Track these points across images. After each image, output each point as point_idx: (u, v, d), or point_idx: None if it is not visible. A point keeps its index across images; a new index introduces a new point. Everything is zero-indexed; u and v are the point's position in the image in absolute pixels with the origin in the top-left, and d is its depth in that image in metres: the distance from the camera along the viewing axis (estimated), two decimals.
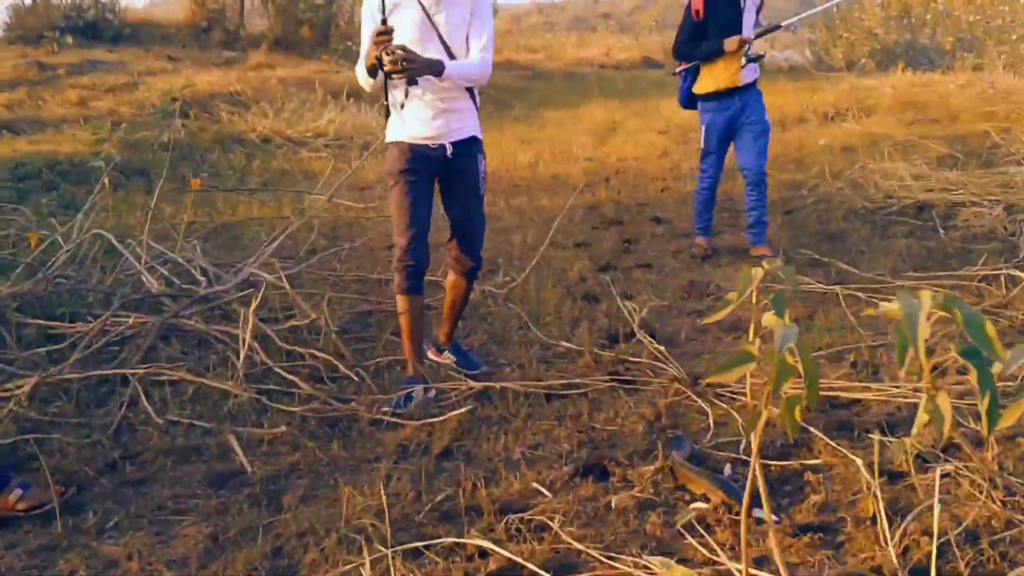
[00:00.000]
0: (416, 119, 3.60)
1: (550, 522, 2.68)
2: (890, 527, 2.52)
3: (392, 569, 2.45)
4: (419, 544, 2.59)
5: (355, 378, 3.86)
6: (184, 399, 3.69)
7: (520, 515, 2.74)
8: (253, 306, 3.92)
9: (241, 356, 3.79)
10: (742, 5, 5.39)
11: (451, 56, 3.57)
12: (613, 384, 3.77)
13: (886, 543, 2.50)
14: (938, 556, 2.41)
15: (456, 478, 3.04)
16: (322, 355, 3.98)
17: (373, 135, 12.16)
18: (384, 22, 3.45)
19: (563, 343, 4.28)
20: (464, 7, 3.58)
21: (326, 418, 3.54)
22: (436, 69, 3.44)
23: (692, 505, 2.55)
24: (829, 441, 3.16)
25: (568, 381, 3.80)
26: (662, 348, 4.08)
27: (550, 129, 13.05)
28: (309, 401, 3.66)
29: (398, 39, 3.45)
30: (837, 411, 3.46)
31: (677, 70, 5.78)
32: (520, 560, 2.49)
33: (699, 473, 2.92)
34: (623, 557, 2.50)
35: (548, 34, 45.79)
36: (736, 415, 3.40)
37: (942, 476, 2.87)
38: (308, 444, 3.31)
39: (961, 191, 7.01)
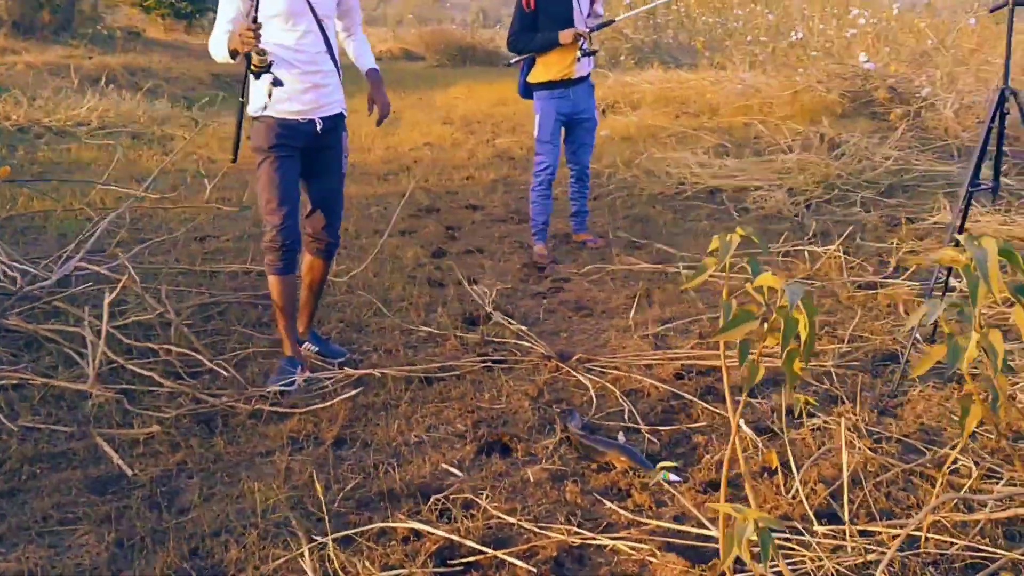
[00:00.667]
0: (285, 93, 3.46)
1: (477, 499, 2.69)
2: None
3: (331, 558, 2.38)
4: (350, 532, 2.53)
5: (222, 372, 3.65)
6: (33, 403, 3.36)
7: (443, 495, 2.73)
8: (109, 299, 3.61)
9: (97, 354, 3.47)
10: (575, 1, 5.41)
11: (320, 27, 3.52)
12: (488, 365, 3.81)
13: (786, 492, 2.73)
14: (833, 500, 2.67)
15: (361, 465, 2.98)
16: (177, 349, 3.74)
17: (139, 123, 11.48)
18: (256, 1, 3.31)
19: (423, 328, 4.27)
20: None
21: (199, 415, 3.34)
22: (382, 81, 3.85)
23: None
24: (706, 405, 3.38)
25: (442, 364, 3.80)
26: (524, 328, 4.18)
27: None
28: (174, 398, 3.44)
29: (269, 11, 3.36)
30: (702, 377, 3.68)
31: (512, 61, 5.70)
32: (457, 538, 2.49)
33: (601, 442, 3.04)
34: (554, 526, 2.56)
35: None
36: (613, 387, 3.54)
37: (812, 430, 3.18)
38: (189, 443, 3.12)
39: (742, 177, 7.64)
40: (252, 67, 3.28)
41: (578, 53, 5.36)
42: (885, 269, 5.06)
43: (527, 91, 5.69)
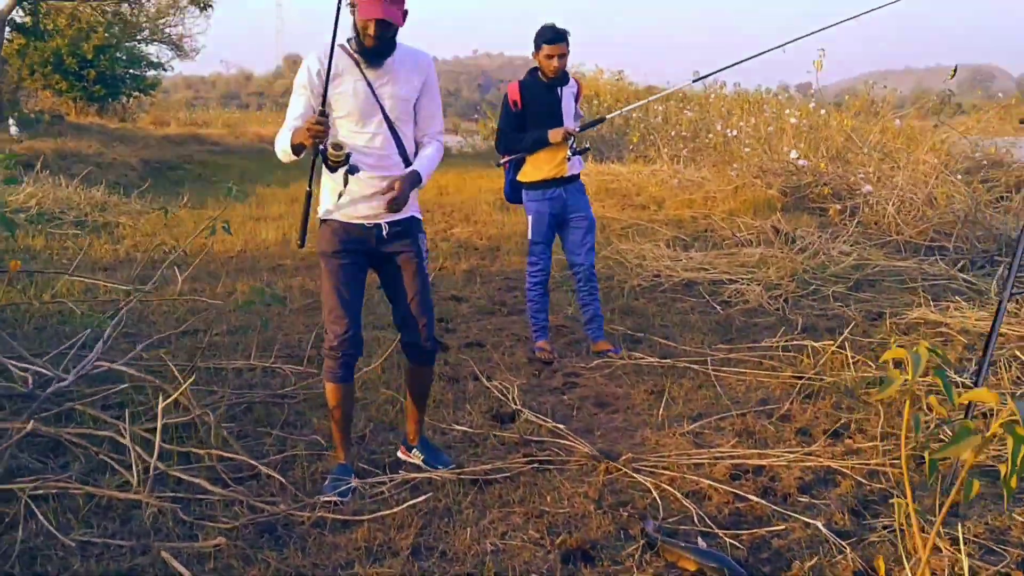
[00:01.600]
0: (350, 196, 3.42)
1: None
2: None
3: None
4: None
5: (269, 477, 3.50)
6: (80, 514, 3.14)
7: None
8: (163, 404, 3.43)
9: (153, 459, 3.29)
10: (559, 93, 5.45)
11: (392, 130, 3.46)
12: (535, 466, 3.75)
13: None
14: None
15: (457, 573, 2.87)
16: (226, 454, 3.58)
17: (79, 209, 11.18)
18: (324, 97, 3.28)
19: (457, 426, 4.20)
20: (414, 78, 3.49)
21: (258, 524, 3.18)
22: (415, 182, 3.41)
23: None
24: (775, 507, 3.38)
25: (492, 466, 3.72)
26: (561, 426, 4.14)
27: (277, 207, 12.69)
28: (228, 507, 3.28)
29: (339, 111, 3.34)
30: (758, 477, 3.69)
31: (501, 161, 5.58)
32: None
33: (688, 549, 3.00)
34: None
35: (201, 109, 45.17)
36: (675, 491, 3.52)
37: (885, 528, 3.20)
38: (259, 556, 2.96)
39: (713, 270, 7.82)
40: (329, 162, 3.23)
41: (568, 152, 5.38)
42: (885, 366, 5.20)
43: (514, 194, 5.63)
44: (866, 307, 6.71)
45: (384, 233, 3.49)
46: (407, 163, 3.51)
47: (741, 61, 5.76)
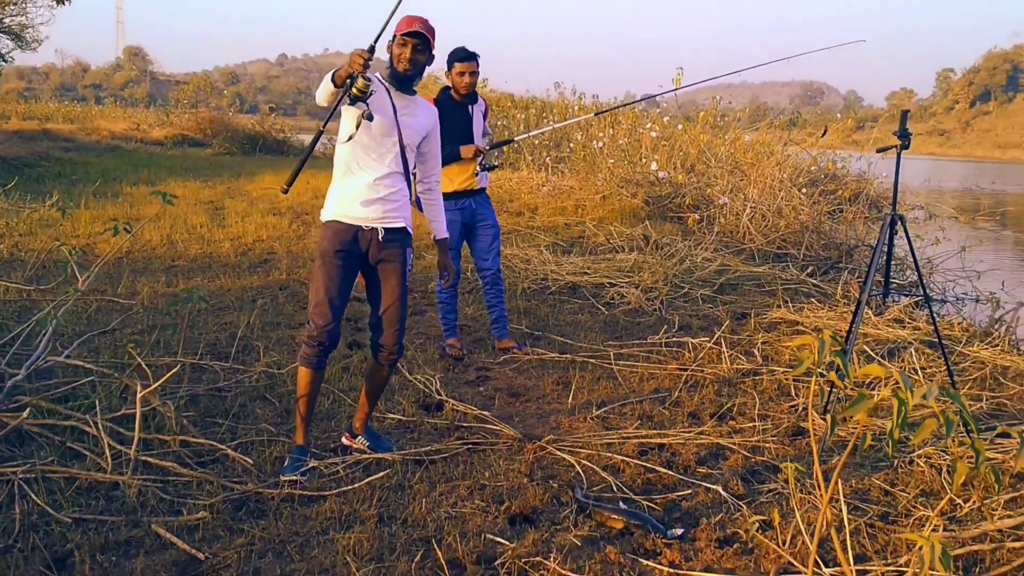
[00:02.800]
0: (354, 203, 3.78)
1: (544, 561, 3.11)
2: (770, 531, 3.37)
3: None
4: None
5: (245, 459, 3.83)
6: (68, 495, 3.39)
7: (502, 561, 3.12)
8: (142, 393, 3.69)
9: (135, 444, 3.56)
10: (470, 111, 5.89)
11: (402, 150, 3.85)
12: (470, 447, 4.21)
13: (783, 544, 3.34)
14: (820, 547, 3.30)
15: (415, 539, 3.30)
16: (193, 439, 3.88)
17: None
18: (374, 45, 3.52)
19: (390, 415, 4.60)
20: (426, 120, 3.95)
21: (232, 501, 3.52)
22: (445, 245, 4.23)
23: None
24: (680, 476, 3.96)
25: (431, 448, 4.15)
26: (486, 413, 4.62)
27: (150, 207, 12.57)
28: (200, 486, 3.59)
29: (367, 125, 3.69)
30: (662, 453, 4.27)
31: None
32: None
33: (617, 510, 3.53)
34: None
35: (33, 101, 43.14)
36: (594, 466, 4.05)
37: (770, 493, 3.83)
38: (242, 527, 3.31)
39: (593, 274, 8.46)
40: (354, 90, 3.45)
41: (477, 168, 5.82)
42: (753, 358, 5.92)
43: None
44: (732, 308, 7.48)
45: (380, 237, 3.83)
46: (407, 181, 3.93)
47: (686, 86, 6.36)
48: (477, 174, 5.87)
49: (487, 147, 5.95)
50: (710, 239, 10.60)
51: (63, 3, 21.85)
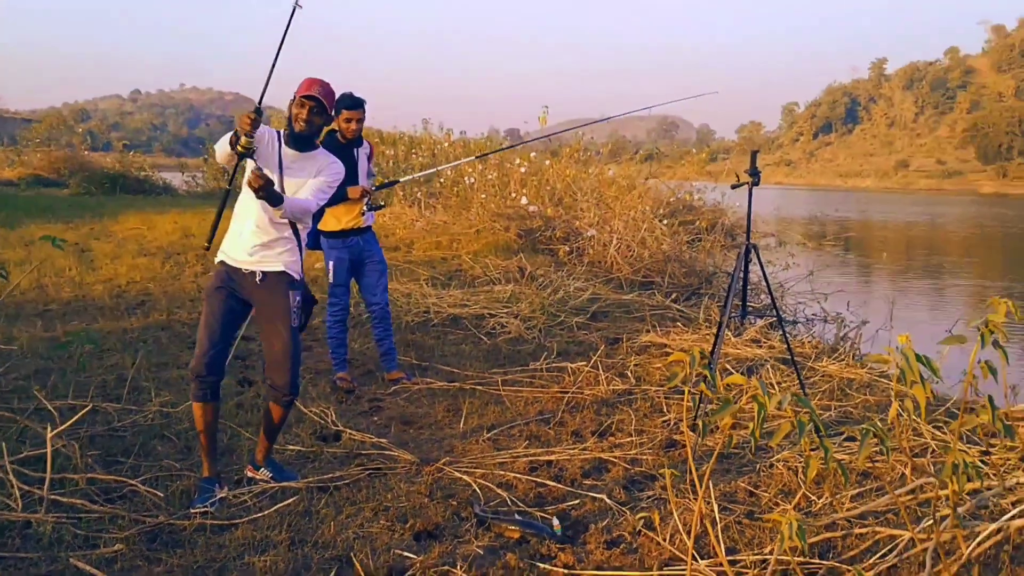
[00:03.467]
0: (238, 246, 4.02)
1: (452, 570, 3.38)
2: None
3: None
4: None
5: (156, 492, 3.95)
6: None
7: (412, 572, 3.38)
8: (52, 434, 3.76)
9: (47, 483, 3.64)
10: (355, 154, 6.11)
11: (274, 199, 3.92)
12: (370, 472, 4.44)
13: (664, 541, 3.71)
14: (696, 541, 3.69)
15: (328, 558, 3.52)
16: (100, 476, 3.97)
17: None
18: (260, 100, 3.80)
19: (290, 447, 4.78)
20: (311, 173, 4.13)
21: (145, 532, 3.65)
22: (275, 199, 3.86)
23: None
24: (568, 488, 4.30)
25: (333, 475, 4.37)
26: (383, 440, 4.85)
27: (7, 252, 12.18)
28: (114, 520, 3.71)
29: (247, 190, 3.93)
30: (549, 468, 4.60)
31: None
32: None
33: (512, 521, 3.84)
34: None
35: None
36: (489, 483, 4.35)
37: (651, 498, 4.21)
38: (159, 556, 3.45)
39: (473, 305, 8.79)
40: (239, 147, 3.71)
41: (363, 208, 6.07)
42: (627, 379, 6.35)
43: (314, 242, 6.12)
44: (604, 333, 7.94)
45: (257, 280, 4.05)
46: (293, 229, 4.14)
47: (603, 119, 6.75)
48: (364, 213, 6.10)
49: (372, 188, 6.20)
50: (580, 270, 11.13)
51: None
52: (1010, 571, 3.39)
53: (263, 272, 4.06)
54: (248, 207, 4.05)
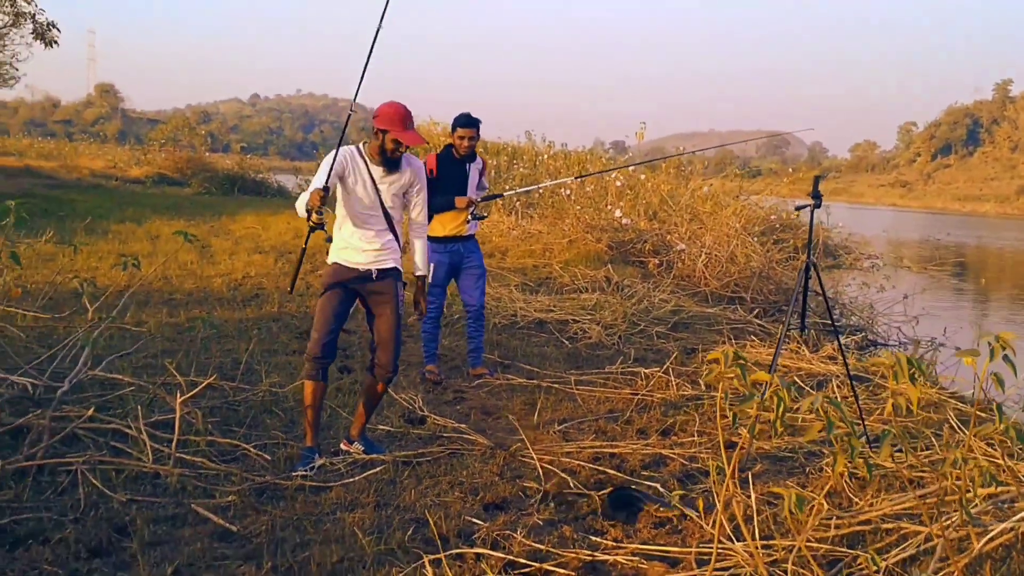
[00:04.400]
0: (350, 248, 4.65)
1: (513, 534, 3.87)
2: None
3: (448, 568, 3.47)
4: (439, 556, 3.61)
5: (264, 456, 4.58)
6: (118, 483, 4.12)
7: (480, 535, 3.87)
8: (181, 399, 4.43)
9: (173, 442, 4.30)
10: (467, 168, 6.59)
11: (385, 213, 4.70)
12: (451, 452, 4.97)
13: (706, 526, 4.11)
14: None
15: (407, 519, 4.04)
16: (219, 439, 4.61)
17: None
18: (328, 178, 4.43)
19: (381, 427, 5.34)
20: (407, 179, 4.73)
21: (254, 488, 4.25)
22: (422, 283, 4.94)
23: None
24: (626, 476, 4.73)
25: (418, 452, 4.91)
26: (463, 426, 5.38)
27: (138, 244, 13.24)
28: (226, 477, 4.32)
29: (348, 194, 4.60)
30: (612, 459, 5.05)
31: None
32: (512, 557, 3.65)
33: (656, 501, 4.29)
34: (567, 552, 3.78)
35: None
36: (555, 468, 4.81)
37: (703, 492, 4.61)
38: (266, 508, 4.04)
39: (558, 311, 9.27)
40: (311, 222, 4.37)
41: (468, 216, 6.56)
42: (697, 386, 6.73)
43: None
44: (682, 344, 8.31)
45: (373, 275, 4.68)
46: (394, 233, 4.76)
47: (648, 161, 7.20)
48: (468, 222, 6.59)
49: (478, 199, 6.64)
50: (667, 282, 11.48)
51: (50, 45, 22.51)
52: (1020, 566, 3.68)
53: (378, 270, 4.68)
54: (354, 222, 4.66)
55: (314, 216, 4.36)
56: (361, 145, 4.72)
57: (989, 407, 6.51)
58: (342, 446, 4.95)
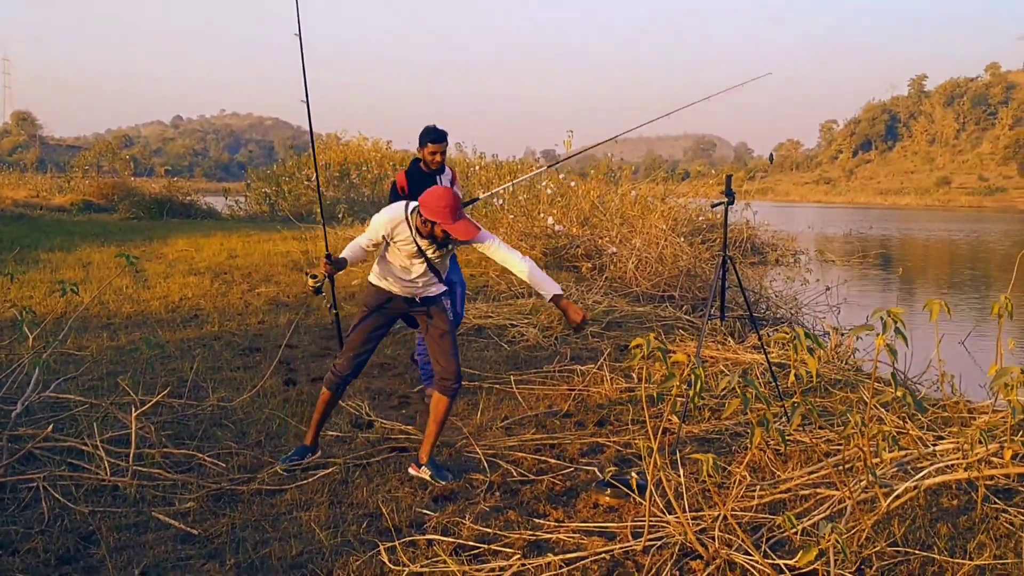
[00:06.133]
0: (390, 281, 4.80)
1: (461, 521, 4.13)
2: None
3: (402, 554, 3.71)
4: (393, 543, 3.85)
5: (220, 464, 4.76)
6: (79, 496, 4.28)
7: (431, 523, 4.13)
8: (136, 414, 4.59)
9: (131, 455, 4.46)
10: (438, 182, 6.36)
11: (432, 267, 4.73)
12: (398, 451, 5.21)
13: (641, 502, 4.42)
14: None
15: (361, 514, 4.28)
16: (173, 451, 4.78)
17: None
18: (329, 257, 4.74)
19: (330, 432, 5.55)
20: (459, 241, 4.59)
21: (211, 494, 4.44)
22: (559, 300, 4.66)
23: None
24: (568, 463, 5.03)
25: (367, 452, 5.14)
26: (409, 427, 5.62)
27: (69, 272, 13.14)
28: (184, 486, 4.51)
29: (397, 251, 4.69)
30: (552, 449, 5.33)
31: None
32: (461, 541, 3.91)
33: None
34: (513, 533, 4.06)
35: None
36: (499, 460, 5.08)
37: (637, 472, 4.92)
38: (224, 511, 4.25)
39: (496, 316, 9.55)
40: (313, 282, 4.76)
41: None
42: (631, 380, 7.06)
43: None
44: (615, 341, 8.65)
45: (417, 300, 4.84)
46: (439, 278, 4.84)
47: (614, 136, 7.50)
48: None
49: None
50: (600, 284, 11.85)
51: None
52: (924, 521, 4.06)
53: (420, 299, 4.85)
54: (396, 269, 4.74)
55: (310, 281, 4.68)
56: (409, 213, 4.63)
57: (906, 384, 6.99)
58: (410, 470, 4.85)
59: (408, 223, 4.62)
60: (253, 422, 5.74)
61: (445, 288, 4.93)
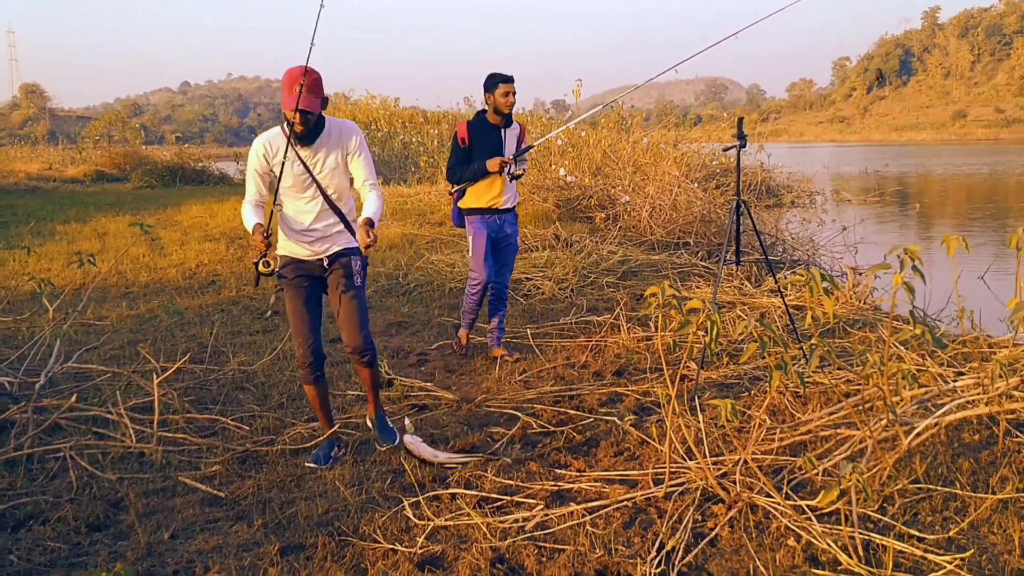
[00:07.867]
0: (297, 243, 4.31)
1: (484, 474, 4.17)
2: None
3: (426, 508, 3.76)
4: (418, 498, 3.90)
5: (244, 427, 4.83)
6: (106, 463, 4.34)
7: (454, 479, 4.17)
8: (158, 380, 4.63)
9: (155, 421, 4.51)
10: (503, 134, 6.09)
11: (325, 195, 4.24)
12: (420, 408, 5.24)
13: (660, 448, 4.44)
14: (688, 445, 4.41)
15: (384, 471, 4.32)
16: (196, 416, 4.84)
17: None
18: (271, 172, 4.18)
19: (351, 391, 5.60)
20: (338, 147, 4.23)
21: (236, 457, 4.49)
22: (372, 225, 4.08)
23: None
24: (586, 414, 5.05)
25: (388, 412, 5.17)
26: (428, 384, 5.65)
27: (85, 243, 13.21)
28: (209, 450, 4.56)
29: (283, 183, 4.17)
30: (572, 400, 5.36)
31: (452, 191, 6.26)
32: (485, 494, 3.95)
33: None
34: (535, 484, 4.09)
35: None
36: (519, 413, 5.11)
37: (657, 420, 4.94)
38: (250, 473, 4.30)
39: None
40: (257, 268, 4.10)
41: (506, 178, 6.11)
42: (647, 328, 7.06)
43: (460, 219, 6.42)
44: (631, 291, 8.64)
45: (325, 264, 4.34)
46: (339, 214, 4.30)
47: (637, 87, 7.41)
48: (508, 183, 6.19)
49: (512, 158, 6.10)
50: (614, 234, 11.81)
51: None
52: (946, 458, 4.06)
53: (327, 257, 4.34)
54: (293, 214, 4.27)
55: (260, 265, 4.07)
56: (284, 124, 4.20)
57: (925, 321, 6.96)
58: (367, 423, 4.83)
59: (283, 131, 4.21)
60: (274, 384, 5.79)
61: (355, 244, 4.37)
